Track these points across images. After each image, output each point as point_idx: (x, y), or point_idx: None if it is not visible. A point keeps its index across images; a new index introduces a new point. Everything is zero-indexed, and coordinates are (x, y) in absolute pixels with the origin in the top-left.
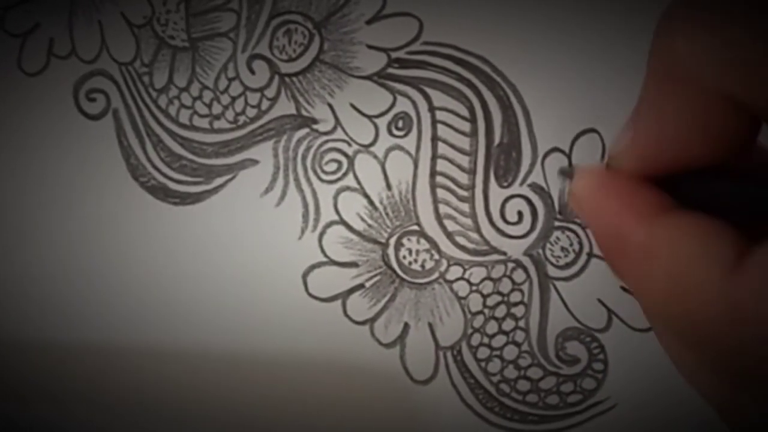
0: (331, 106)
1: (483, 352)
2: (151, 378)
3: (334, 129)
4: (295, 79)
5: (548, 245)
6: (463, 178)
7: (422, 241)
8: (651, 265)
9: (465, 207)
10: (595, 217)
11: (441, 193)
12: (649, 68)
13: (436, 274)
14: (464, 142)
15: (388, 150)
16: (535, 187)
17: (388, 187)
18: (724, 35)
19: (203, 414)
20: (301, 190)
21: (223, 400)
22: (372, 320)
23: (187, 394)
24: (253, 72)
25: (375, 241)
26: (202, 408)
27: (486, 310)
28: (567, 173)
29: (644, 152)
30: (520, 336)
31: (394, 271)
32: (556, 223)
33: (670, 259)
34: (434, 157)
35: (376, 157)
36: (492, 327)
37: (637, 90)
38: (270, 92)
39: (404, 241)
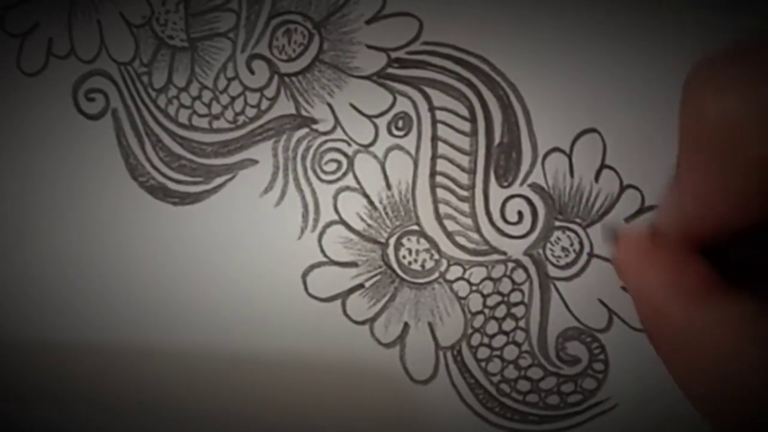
0: (330, 106)
1: (483, 352)
2: (150, 378)
3: (334, 129)
4: (294, 78)
5: (549, 245)
6: (463, 178)
7: (422, 240)
8: (690, 349)
9: (465, 207)
10: (637, 287)
11: (441, 192)
12: (683, 131)
13: (436, 274)
14: (464, 142)
15: (388, 150)
16: (536, 187)
17: (388, 186)
18: (753, 99)
19: (203, 414)
20: (300, 190)
21: (223, 399)
22: (372, 320)
23: (186, 393)
24: (252, 72)
25: (375, 241)
26: (201, 408)
27: (486, 310)
28: (613, 235)
29: (690, 217)
30: (520, 336)
31: (394, 271)
32: (557, 223)
33: (711, 349)
34: (434, 157)
35: (375, 156)
36: (492, 327)
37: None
38: (269, 92)
39: (404, 240)
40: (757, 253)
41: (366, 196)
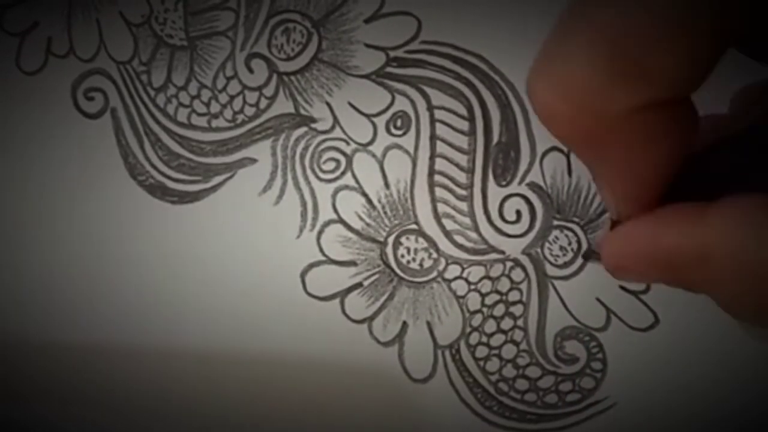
0: (329, 105)
1: (481, 351)
2: (148, 377)
3: (333, 128)
4: (293, 77)
5: (547, 244)
6: (462, 177)
7: (420, 239)
8: (718, 264)
9: (463, 206)
10: (644, 267)
11: (439, 191)
12: (555, 136)
13: (435, 273)
14: (463, 141)
15: (387, 149)
16: (534, 186)
17: (387, 185)
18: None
19: (201, 412)
20: (299, 189)
21: (222, 398)
22: (370, 319)
23: (184, 392)
24: (251, 71)
25: (373, 240)
26: (200, 406)
27: (484, 309)
28: (593, 256)
29: (630, 197)
30: (518, 335)
31: (393, 270)
32: (555, 222)
33: (736, 249)
34: (433, 156)
35: (374, 156)
36: (490, 326)
37: None
38: (268, 91)
39: (402, 239)
40: (711, 179)
41: (365, 195)
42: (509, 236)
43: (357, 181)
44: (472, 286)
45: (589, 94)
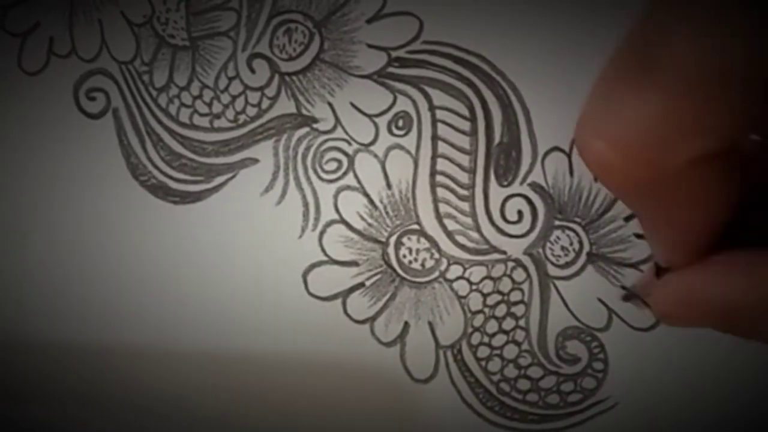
0: (331, 105)
1: (483, 351)
2: (149, 377)
3: (334, 128)
4: (295, 78)
5: (548, 244)
6: (463, 177)
7: (422, 240)
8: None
9: (465, 206)
10: (698, 316)
11: (441, 192)
12: (606, 186)
13: (436, 273)
14: (464, 141)
15: (388, 149)
16: (535, 186)
17: (388, 186)
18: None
19: (202, 413)
20: (301, 189)
21: (223, 399)
22: (372, 319)
23: (185, 393)
24: (253, 71)
25: (375, 240)
26: (201, 407)
27: (486, 309)
28: (634, 299)
29: (682, 246)
30: (520, 335)
31: (395, 270)
32: (556, 222)
33: None
34: (434, 156)
35: (376, 156)
36: (492, 326)
37: None
38: (270, 91)
39: (404, 240)
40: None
41: (366, 195)
42: (511, 236)
43: (359, 181)
44: (474, 287)
45: (646, 147)
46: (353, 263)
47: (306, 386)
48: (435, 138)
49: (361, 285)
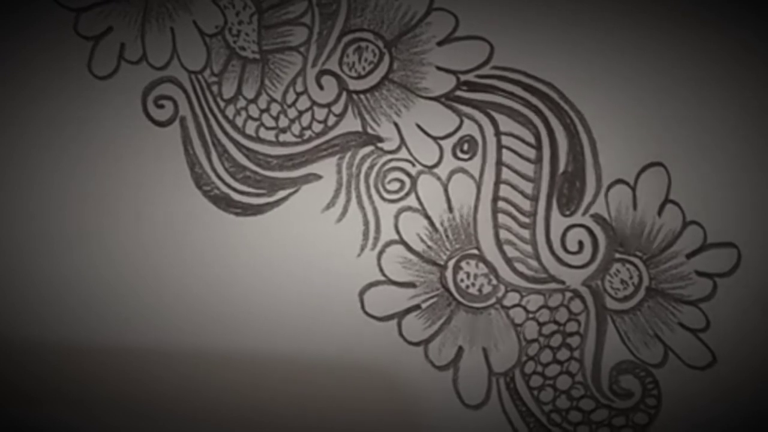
0: (397, 125)
1: (536, 381)
2: (211, 383)
3: (399, 148)
4: (362, 96)
5: (608, 277)
6: (526, 205)
7: (481, 265)
8: None
9: (525, 233)
10: None
11: (502, 218)
12: None
13: (493, 300)
14: (528, 169)
15: (452, 172)
16: (598, 218)
17: (450, 209)
18: None
19: (246, 423)
20: (362, 208)
21: (277, 412)
22: (426, 342)
23: (248, 402)
24: (321, 87)
25: (433, 263)
26: (265, 415)
27: (541, 339)
28: None
29: None
30: (574, 366)
31: (451, 294)
32: (617, 255)
33: None
34: (497, 182)
35: (439, 178)
36: (546, 356)
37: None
38: (337, 108)
39: (463, 264)
40: None
41: (427, 217)
42: (570, 266)
43: (420, 203)
44: (530, 315)
45: None
46: (410, 285)
47: (356, 405)
48: (499, 164)
49: (417, 307)
